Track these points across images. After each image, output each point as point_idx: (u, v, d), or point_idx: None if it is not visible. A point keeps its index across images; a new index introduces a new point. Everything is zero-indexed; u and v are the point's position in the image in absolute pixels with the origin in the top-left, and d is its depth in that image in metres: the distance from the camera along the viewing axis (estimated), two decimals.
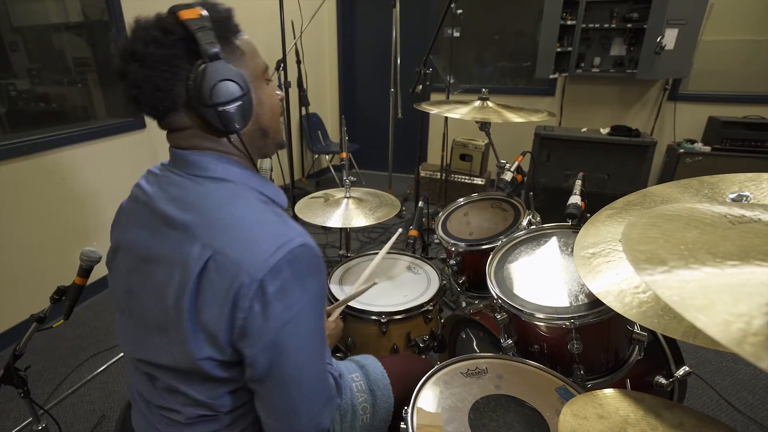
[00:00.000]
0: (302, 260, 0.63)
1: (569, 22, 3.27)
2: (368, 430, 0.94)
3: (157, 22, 0.63)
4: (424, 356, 1.33)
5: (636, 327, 1.01)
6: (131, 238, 0.70)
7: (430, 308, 1.35)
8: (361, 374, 0.99)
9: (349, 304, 1.33)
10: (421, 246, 2.63)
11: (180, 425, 0.70)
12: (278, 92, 0.77)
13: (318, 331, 0.68)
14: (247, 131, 0.70)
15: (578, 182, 1.34)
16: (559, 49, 3.31)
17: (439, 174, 3.57)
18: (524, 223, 1.44)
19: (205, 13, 0.63)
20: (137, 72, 0.62)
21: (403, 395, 0.97)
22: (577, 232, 0.90)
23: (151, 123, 3.10)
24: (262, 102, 0.71)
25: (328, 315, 1.10)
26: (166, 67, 0.62)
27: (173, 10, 0.63)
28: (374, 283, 1.22)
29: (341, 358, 1.07)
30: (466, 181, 3.60)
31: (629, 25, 3.22)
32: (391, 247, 1.47)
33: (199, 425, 0.69)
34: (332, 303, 1.36)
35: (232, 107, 0.64)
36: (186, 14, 0.62)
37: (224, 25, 0.66)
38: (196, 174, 0.67)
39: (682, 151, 3.10)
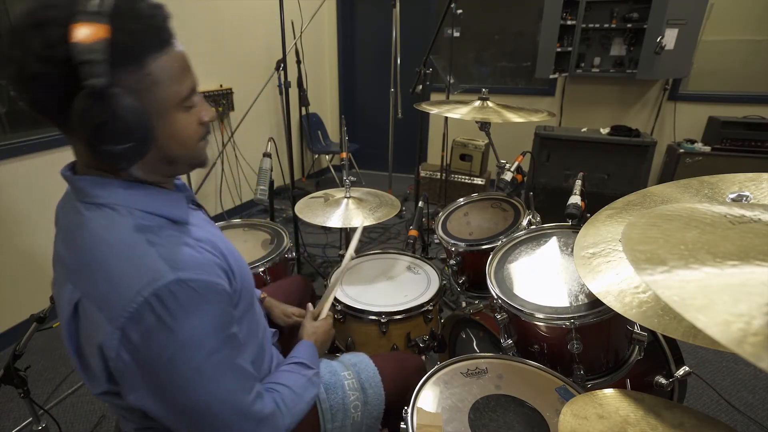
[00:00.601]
0: (171, 298, 0.56)
1: (569, 22, 3.27)
2: (359, 428, 0.94)
3: (46, 30, 0.51)
4: (424, 356, 1.33)
5: (636, 327, 1.01)
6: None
7: (430, 308, 1.35)
8: (353, 372, 0.98)
9: (349, 304, 1.33)
10: (421, 246, 2.63)
11: None
12: (204, 116, 0.67)
13: (214, 362, 0.62)
14: (146, 160, 0.61)
15: (578, 182, 1.34)
16: (559, 49, 3.31)
17: (439, 174, 3.57)
18: (524, 223, 1.44)
19: (105, 35, 0.51)
20: (12, 77, 0.53)
21: (396, 393, 0.97)
22: (577, 232, 0.90)
23: None
24: (171, 134, 0.62)
25: (317, 315, 1.09)
26: (42, 86, 0.53)
27: (69, 20, 0.50)
28: (351, 257, 1.22)
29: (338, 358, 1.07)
30: (466, 181, 3.60)
31: (629, 25, 3.21)
32: (391, 248, 1.47)
33: None
34: (334, 307, 1.36)
35: (117, 148, 0.55)
36: (79, 34, 0.50)
37: (134, 47, 0.55)
38: (81, 200, 0.62)
39: (682, 151, 3.10)
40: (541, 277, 1.11)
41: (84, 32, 0.50)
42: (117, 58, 0.53)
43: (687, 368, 1.05)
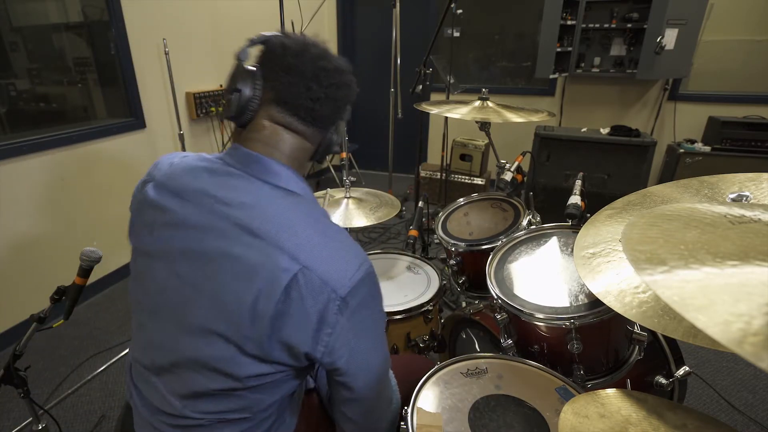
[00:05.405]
0: (373, 278, 0.70)
1: (569, 22, 3.27)
2: None
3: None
4: (424, 356, 1.33)
5: (636, 327, 1.01)
6: (183, 227, 0.68)
7: (430, 308, 1.35)
8: None
9: None
10: (421, 246, 2.63)
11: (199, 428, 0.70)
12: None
13: (385, 338, 0.78)
14: (307, 159, 0.82)
15: (578, 182, 1.34)
16: (559, 49, 3.30)
17: (439, 174, 3.57)
18: (524, 223, 1.44)
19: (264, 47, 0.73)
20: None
21: (406, 396, 0.97)
22: (577, 232, 0.90)
23: (150, 123, 3.07)
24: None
25: None
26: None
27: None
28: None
29: None
30: (466, 181, 3.60)
31: (629, 25, 3.21)
32: (391, 248, 1.47)
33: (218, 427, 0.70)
34: None
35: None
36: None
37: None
38: (267, 180, 0.70)
39: (682, 151, 3.10)
40: (541, 277, 1.11)
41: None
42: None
43: (687, 368, 1.05)
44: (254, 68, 0.71)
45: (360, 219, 1.55)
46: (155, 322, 0.71)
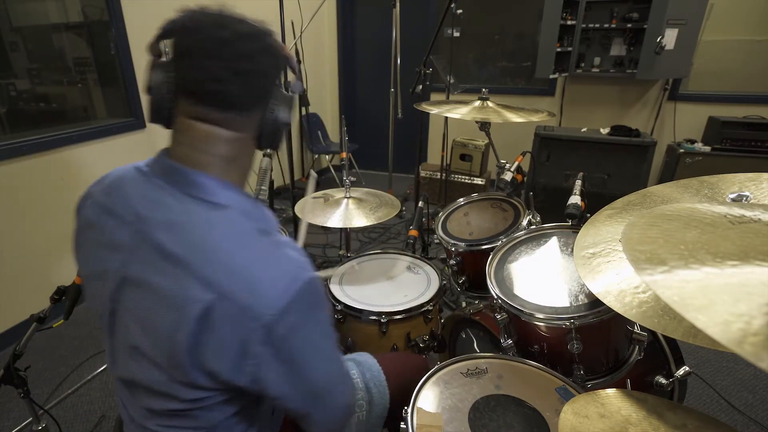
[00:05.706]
0: (308, 296, 0.61)
1: (569, 22, 3.27)
2: (364, 428, 0.94)
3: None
4: (424, 356, 1.33)
5: (636, 327, 1.01)
6: (114, 248, 0.65)
7: (430, 308, 1.35)
8: (358, 372, 0.99)
9: (349, 304, 1.33)
10: (421, 246, 2.63)
11: None
12: None
13: (333, 350, 0.70)
14: (249, 156, 0.73)
15: (578, 182, 1.34)
16: (559, 49, 3.31)
17: (439, 174, 3.57)
18: (524, 223, 1.44)
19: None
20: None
21: (399, 393, 0.97)
22: (577, 232, 0.90)
23: (151, 123, 3.09)
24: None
25: None
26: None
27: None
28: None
29: None
30: (466, 181, 3.60)
31: (629, 25, 3.22)
32: (391, 248, 1.47)
33: None
34: (334, 307, 1.36)
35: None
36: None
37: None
38: (192, 194, 0.63)
39: (682, 151, 3.10)
40: (541, 277, 1.11)
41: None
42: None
43: (687, 368, 1.05)
44: (162, 60, 0.65)
45: (360, 219, 1.55)
46: (110, 340, 0.70)
